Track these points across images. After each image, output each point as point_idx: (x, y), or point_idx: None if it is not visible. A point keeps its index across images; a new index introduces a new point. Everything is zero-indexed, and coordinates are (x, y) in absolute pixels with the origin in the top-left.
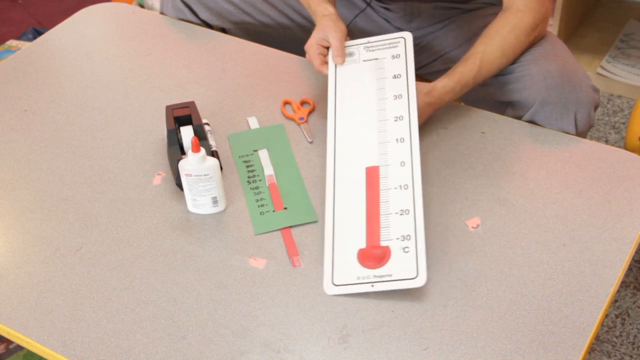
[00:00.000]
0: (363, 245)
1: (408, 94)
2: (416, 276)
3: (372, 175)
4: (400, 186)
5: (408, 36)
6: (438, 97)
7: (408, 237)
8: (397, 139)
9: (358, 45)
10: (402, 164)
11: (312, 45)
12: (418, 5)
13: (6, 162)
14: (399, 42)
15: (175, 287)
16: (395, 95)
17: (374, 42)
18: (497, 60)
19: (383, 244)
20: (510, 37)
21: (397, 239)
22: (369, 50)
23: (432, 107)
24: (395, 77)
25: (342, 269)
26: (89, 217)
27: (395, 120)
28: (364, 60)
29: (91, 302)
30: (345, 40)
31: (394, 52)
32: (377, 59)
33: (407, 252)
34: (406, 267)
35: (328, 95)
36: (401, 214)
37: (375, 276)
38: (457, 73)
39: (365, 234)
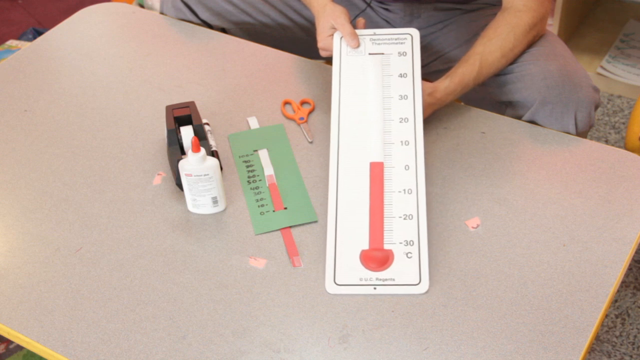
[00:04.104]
0: (366, 246)
1: (414, 96)
2: (419, 283)
3: (376, 173)
4: (404, 190)
5: (415, 33)
6: (439, 99)
7: (411, 242)
8: (401, 142)
9: (364, 37)
10: (407, 167)
11: (327, 39)
12: (418, 6)
13: (6, 162)
14: (405, 38)
15: (175, 287)
16: (401, 96)
17: (381, 35)
18: (497, 61)
19: (386, 247)
20: (509, 37)
21: (401, 243)
22: (375, 44)
23: (432, 108)
24: (401, 75)
25: (345, 269)
26: (89, 217)
27: (401, 122)
28: (370, 54)
29: (91, 302)
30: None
31: (400, 49)
32: (383, 53)
33: (410, 257)
34: (409, 272)
35: (332, 86)
36: (404, 219)
37: (377, 279)
38: (458, 74)
39: (369, 235)
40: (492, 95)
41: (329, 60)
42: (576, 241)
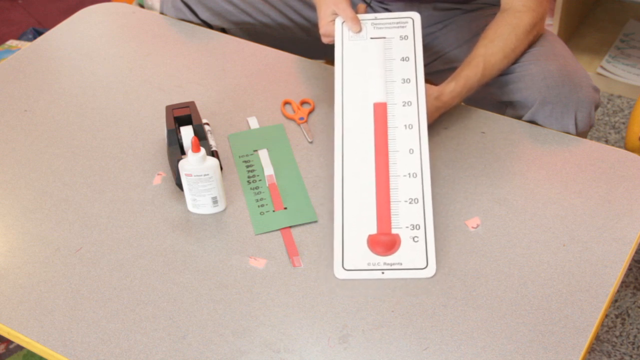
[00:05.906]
0: (373, 231)
1: (416, 79)
2: (426, 266)
3: (381, 157)
4: (409, 174)
5: (416, 17)
6: (446, 102)
7: (417, 226)
8: (405, 125)
9: (365, 21)
10: (411, 151)
11: (329, 25)
12: (418, 6)
13: (6, 162)
14: (407, 22)
15: (175, 287)
16: (404, 79)
17: (382, 19)
18: (499, 62)
19: (393, 231)
20: (510, 37)
21: (407, 227)
22: (377, 28)
23: (439, 112)
24: (403, 59)
25: (353, 254)
26: (89, 217)
27: (404, 106)
28: (372, 38)
29: (91, 302)
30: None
31: (402, 32)
32: (384, 37)
33: (416, 241)
34: (416, 256)
35: (335, 72)
36: (410, 203)
37: (385, 264)
38: (462, 77)
39: (376, 219)
40: (492, 95)
41: (329, 60)
42: (576, 241)
